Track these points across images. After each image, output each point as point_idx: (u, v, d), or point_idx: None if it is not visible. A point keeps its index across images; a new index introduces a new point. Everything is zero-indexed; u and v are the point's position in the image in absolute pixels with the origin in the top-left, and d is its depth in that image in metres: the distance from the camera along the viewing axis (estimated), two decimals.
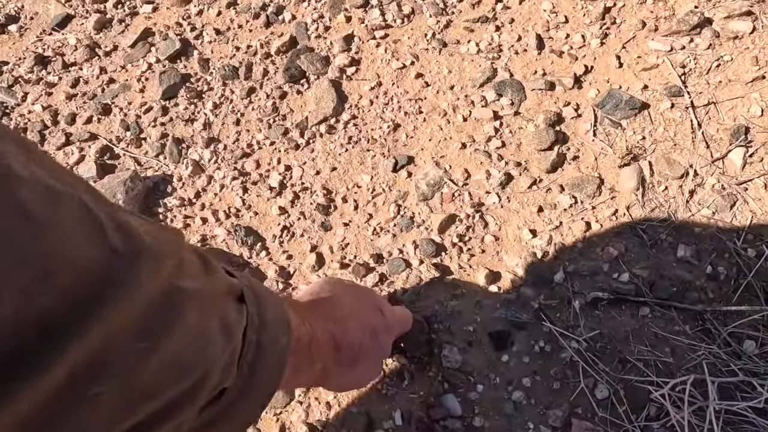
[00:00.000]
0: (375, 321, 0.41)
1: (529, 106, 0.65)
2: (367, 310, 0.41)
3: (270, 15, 0.77)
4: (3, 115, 0.75)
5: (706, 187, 0.58)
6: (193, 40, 0.77)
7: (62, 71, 0.77)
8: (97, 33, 0.80)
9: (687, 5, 0.67)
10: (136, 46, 0.77)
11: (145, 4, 0.81)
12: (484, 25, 0.71)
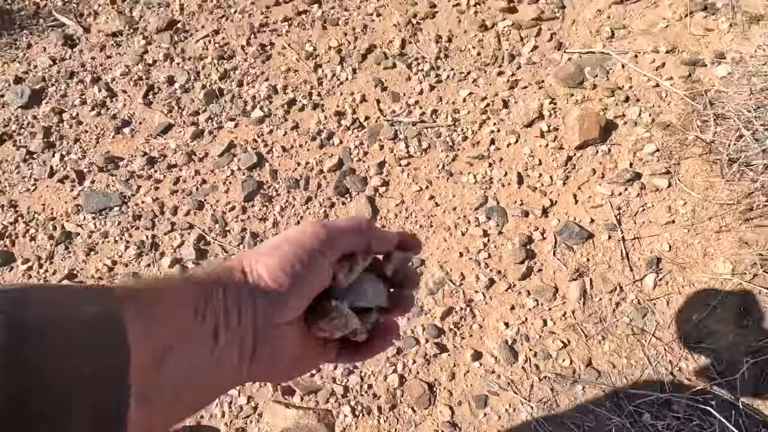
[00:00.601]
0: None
1: (510, 228, 0.90)
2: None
3: (323, 139, 1.02)
4: (123, 203, 0.99)
5: (627, 300, 0.82)
6: (265, 154, 1.02)
7: (166, 170, 1.02)
8: (192, 141, 1.05)
9: (625, 162, 0.92)
10: (223, 155, 1.03)
11: (228, 121, 1.07)
12: (480, 161, 0.97)
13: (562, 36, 1.09)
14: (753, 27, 1.02)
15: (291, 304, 0.27)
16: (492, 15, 1.13)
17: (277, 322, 0.27)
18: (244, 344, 0.26)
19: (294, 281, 0.27)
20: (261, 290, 0.26)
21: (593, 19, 1.10)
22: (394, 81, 1.07)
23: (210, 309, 0.24)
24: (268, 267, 0.26)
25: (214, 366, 0.25)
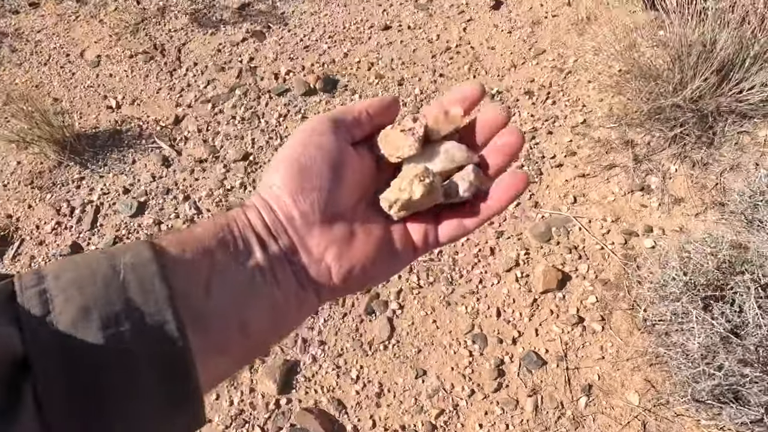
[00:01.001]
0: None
1: (488, 351, 1.25)
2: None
3: None
4: None
5: (566, 415, 1.15)
6: None
7: None
8: None
9: (573, 308, 1.28)
10: None
11: None
12: (471, 296, 1.32)
13: (539, 197, 1.46)
14: (675, 207, 1.39)
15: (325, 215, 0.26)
16: None
17: (322, 221, 0.26)
18: (293, 260, 0.26)
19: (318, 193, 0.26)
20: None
21: (562, 186, 1.47)
22: None
23: (237, 235, 0.25)
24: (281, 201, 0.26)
25: (266, 289, 0.24)
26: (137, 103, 1.76)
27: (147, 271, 0.21)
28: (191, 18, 1.97)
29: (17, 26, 2.00)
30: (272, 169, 0.27)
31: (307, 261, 0.26)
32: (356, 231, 0.27)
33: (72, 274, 0.21)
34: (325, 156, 0.27)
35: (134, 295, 0.20)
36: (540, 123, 1.59)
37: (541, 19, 1.84)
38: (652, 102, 1.45)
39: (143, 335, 0.20)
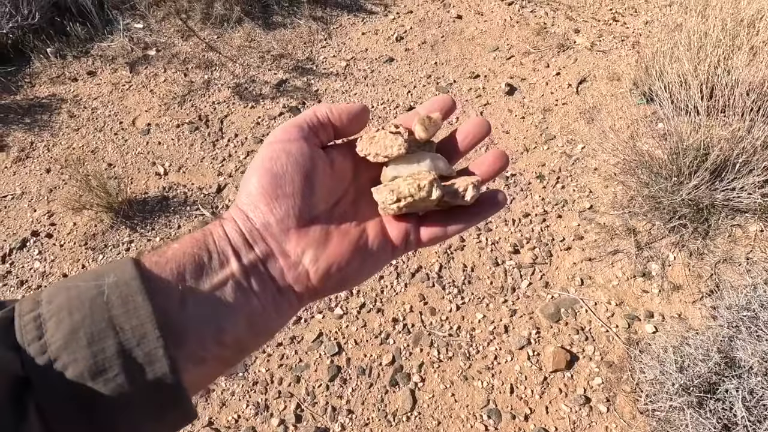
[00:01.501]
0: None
1: (502, 426, 1.35)
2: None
3: (382, 338, 1.50)
4: (244, 370, 1.46)
5: None
6: (343, 345, 1.50)
7: (275, 347, 1.50)
8: (293, 325, 1.54)
9: (581, 388, 1.39)
10: (315, 341, 1.50)
11: (318, 313, 1.56)
12: (487, 371, 1.43)
13: (549, 277, 1.59)
14: (674, 294, 1.51)
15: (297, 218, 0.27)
16: (502, 254, 1.64)
17: (297, 227, 0.27)
18: (270, 266, 0.27)
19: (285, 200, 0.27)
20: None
21: (570, 268, 1.60)
22: (432, 298, 1.57)
23: (213, 249, 0.26)
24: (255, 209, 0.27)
25: (241, 299, 0.26)
26: (183, 171, 1.93)
27: (130, 289, 0.23)
28: (233, 91, 2.16)
29: (76, 93, 2.20)
30: (247, 179, 0.28)
31: (285, 265, 0.27)
32: (332, 232, 0.28)
33: (62, 297, 0.23)
34: (296, 162, 0.28)
35: (117, 312, 0.22)
36: (550, 207, 1.74)
37: (551, 106, 2.01)
38: (651, 195, 1.59)
39: (125, 349, 0.22)
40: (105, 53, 2.33)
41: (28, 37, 2.27)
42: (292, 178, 0.28)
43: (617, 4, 2.48)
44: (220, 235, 0.27)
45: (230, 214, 0.28)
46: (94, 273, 0.24)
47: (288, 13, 2.42)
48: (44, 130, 2.07)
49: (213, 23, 2.38)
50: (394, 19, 2.44)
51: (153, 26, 2.42)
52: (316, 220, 0.28)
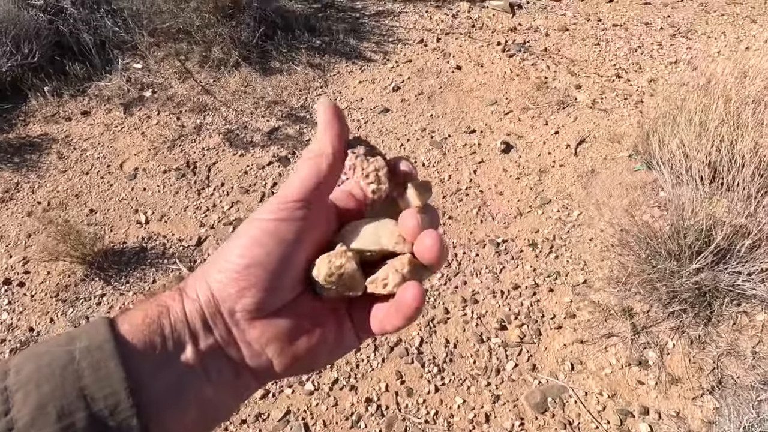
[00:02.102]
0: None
1: None
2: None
3: (353, 421, 1.39)
4: None
5: None
6: (311, 426, 1.39)
7: (238, 424, 1.39)
8: (260, 399, 1.43)
9: None
10: (281, 420, 1.40)
11: (287, 387, 1.46)
12: None
13: (536, 359, 1.47)
14: (672, 388, 1.38)
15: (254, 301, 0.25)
16: (488, 330, 1.53)
17: (254, 317, 0.25)
18: (229, 351, 0.25)
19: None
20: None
21: (560, 350, 1.48)
22: (411, 376, 1.45)
23: (168, 334, 0.24)
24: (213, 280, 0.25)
25: (194, 388, 0.24)
26: (164, 220, 1.87)
27: (103, 353, 0.22)
28: (224, 137, 2.11)
29: (68, 132, 2.17)
30: (221, 257, 0.25)
31: (246, 354, 0.25)
32: (303, 323, 0.26)
33: (32, 366, 0.21)
34: (275, 248, 0.25)
35: (88, 380, 0.21)
36: (542, 279, 1.63)
37: (548, 167, 1.93)
38: (650, 277, 1.48)
39: (97, 421, 0.21)
40: (101, 93, 2.31)
41: (26, 75, 2.26)
42: (269, 265, 0.25)
43: (621, 59, 2.41)
44: (178, 315, 0.25)
45: (194, 289, 0.25)
46: (67, 336, 0.23)
47: (286, 59, 2.39)
48: (31, 171, 2.03)
49: (210, 66, 2.36)
50: (393, 67, 2.39)
51: (152, 67, 2.40)
52: (285, 311, 0.26)
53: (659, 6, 2.77)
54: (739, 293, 1.45)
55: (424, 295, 0.26)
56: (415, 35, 2.57)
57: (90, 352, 0.22)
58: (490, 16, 2.71)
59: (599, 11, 2.75)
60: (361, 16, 2.69)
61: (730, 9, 2.73)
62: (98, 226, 1.85)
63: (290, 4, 2.71)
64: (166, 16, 2.26)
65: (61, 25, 2.36)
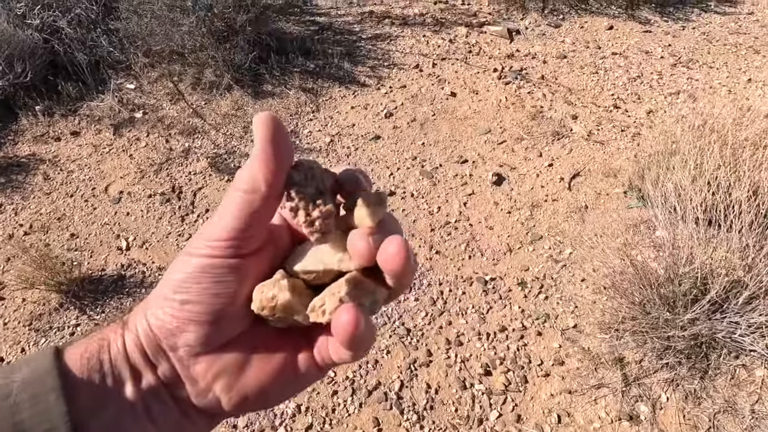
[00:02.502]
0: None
1: None
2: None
3: None
4: None
5: None
6: None
7: None
8: None
9: None
10: None
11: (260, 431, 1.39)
12: None
13: (522, 409, 1.39)
14: None
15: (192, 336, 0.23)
16: (471, 375, 1.45)
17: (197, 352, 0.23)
18: (173, 390, 0.23)
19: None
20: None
21: (547, 400, 1.40)
22: (388, 424, 1.38)
23: (107, 370, 0.23)
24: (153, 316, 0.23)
25: (140, 422, 0.23)
26: (146, 247, 1.82)
27: (44, 386, 0.21)
28: (211, 162, 2.07)
29: (56, 153, 2.15)
30: (159, 292, 0.24)
31: (192, 391, 0.24)
32: (252, 357, 0.24)
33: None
34: (211, 284, 0.23)
35: (25, 415, 0.20)
36: (530, 321, 1.55)
37: (540, 202, 1.86)
38: (643, 318, 1.40)
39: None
40: (92, 113, 2.29)
41: (19, 95, 2.25)
42: (211, 300, 0.23)
43: (620, 89, 2.36)
44: (118, 349, 0.23)
45: (134, 323, 0.24)
46: (8, 368, 0.22)
47: (279, 83, 2.36)
48: (16, 192, 2.00)
49: (203, 88, 2.33)
50: (387, 93, 2.35)
51: (145, 87, 2.38)
52: (233, 344, 0.24)
53: (660, 34, 2.72)
54: (738, 345, 1.37)
55: (361, 320, 0.22)
56: (411, 60, 2.53)
57: (30, 384, 0.21)
58: (488, 41, 2.67)
59: (599, 38, 2.70)
60: (357, 39, 2.67)
61: (733, 39, 2.67)
62: (78, 251, 1.80)
63: (287, 26, 2.69)
64: (159, 38, 2.25)
65: (57, 44, 2.36)
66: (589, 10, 2.88)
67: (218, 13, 2.15)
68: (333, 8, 2.90)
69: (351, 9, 2.90)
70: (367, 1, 2.96)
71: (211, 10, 2.13)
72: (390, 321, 1.56)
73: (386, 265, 0.22)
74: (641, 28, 2.77)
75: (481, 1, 2.97)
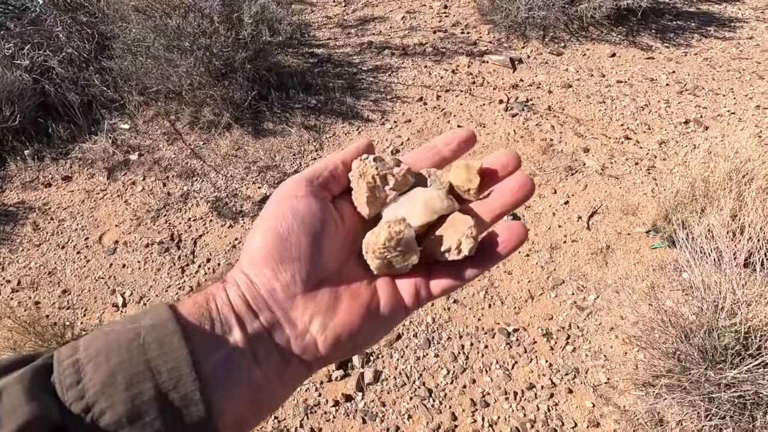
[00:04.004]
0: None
1: None
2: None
3: None
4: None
5: None
6: None
7: None
8: None
9: None
10: None
11: None
12: None
13: None
14: None
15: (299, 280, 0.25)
16: None
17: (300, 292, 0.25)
18: (275, 335, 0.25)
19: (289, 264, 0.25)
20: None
21: None
22: None
23: (215, 317, 0.24)
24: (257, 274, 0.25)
25: (244, 372, 0.24)
26: (144, 302, 1.70)
27: (166, 330, 0.23)
28: (212, 206, 1.97)
29: (46, 200, 2.03)
30: (250, 240, 0.26)
31: (291, 335, 0.25)
32: (341, 296, 0.26)
33: (100, 342, 0.22)
34: (303, 222, 0.26)
35: (153, 354, 0.22)
36: (559, 377, 1.45)
37: (559, 243, 1.78)
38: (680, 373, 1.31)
39: (162, 393, 0.21)
40: (85, 156, 2.18)
41: (6, 139, 2.14)
42: (299, 239, 0.26)
43: (629, 119, 2.31)
44: (224, 300, 0.25)
45: (233, 278, 0.26)
46: (130, 317, 0.24)
47: (280, 120, 2.28)
48: (3, 245, 1.88)
49: (201, 128, 2.24)
50: (391, 128, 2.28)
51: (140, 127, 2.29)
52: (324, 283, 0.26)
53: (663, 61, 2.70)
54: None
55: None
56: (414, 92, 2.47)
57: (154, 329, 0.23)
58: (490, 71, 2.62)
59: (602, 66, 2.67)
60: (358, 71, 2.60)
61: (736, 64, 2.65)
62: (70, 309, 1.68)
63: (286, 59, 2.62)
64: (155, 77, 2.16)
65: (47, 84, 2.26)
66: (590, 37, 2.85)
67: (216, 52, 2.08)
68: (331, 39, 2.84)
69: (349, 39, 2.84)
70: (366, 32, 2.91)
71: (209, 50, 2.05)
72: (410, 381, 1.45)
73: (514, 196, 0.28)
74: (643, 54, 2.74)
75: (480, 30, 2.94)
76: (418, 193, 0.28)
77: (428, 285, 0.27)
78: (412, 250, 0.26)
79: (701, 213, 1.43)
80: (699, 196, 1.46)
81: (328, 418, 1.39)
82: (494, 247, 0.27)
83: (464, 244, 0.26)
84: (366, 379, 1.44)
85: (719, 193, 1.35)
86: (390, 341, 1.53)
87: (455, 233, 0.26)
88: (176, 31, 1.97)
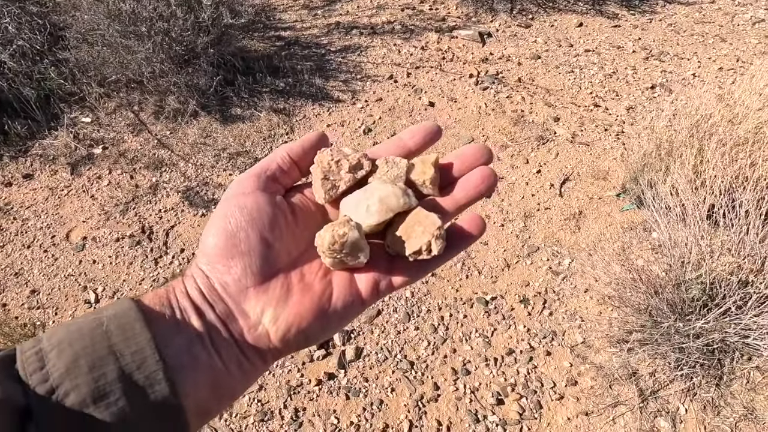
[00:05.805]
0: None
1: None
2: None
3: None
4: None
5: None
6: None
7: None
8: None
9: None
10: None
11: None
12: None
13: None
14: None
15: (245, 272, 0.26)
16: (483, 406, 1.37)
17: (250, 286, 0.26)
18: (231, 326, 0.25)
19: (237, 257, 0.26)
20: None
21: (564, 424, 1.33)
22: None
23: (175, 305, 0.25)
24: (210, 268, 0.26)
25: (204, 359, 0.24)
26: (117, 297, 1.66)
27: (128, 318, 0.23)
28: (183, 196, 1.93)
29: (7, 200, 1.96)
30: (204, 239, 0.27)
31: (245, 326, 0.26)
32: (293, 288, 0.27)
33: (62, 332, 0.23)
34: (251, 218, 0.26)
35: (116, 340, 0.23)
36: (537, 341, 1.48)
37: (533, 211, 1.80)
38: (652, 328, 1.35)
39: (126, 373, 0.22)
40: (46, 152, 2.10)
41: None
42: (248, 235, 0.26)
43: (597, 87, 2.33)
44: (182, 292, 0.26)
45: (190, 272, 0.27)
46: (93, 311, 0.25)
47: (248, 105, 2.23)
48: None
49: (167, 117, 2.18)
50: (363, 107, 2.25)
51: (102, 120, 2.21)
52: (276, 276, 0.27)
53: (629, 28, 2.72)
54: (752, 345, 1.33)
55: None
56: (384, 70, 2.44)
57: (116, 317, 0.24)
58: (459, 46, 2.61)
59: (570, 36, 2.68)
60: (326, 52, 2.56)
61: (699, 28, 2.70)
62: (41, 309, 1.63)
63: (252, 44, 2.56)
64: (113, 66, 2.08)
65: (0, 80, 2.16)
66: (557, 8, 2.86)
67: (176, 37, 2.01)
68: (298, 21, 2.78)
69: (316, 21, 2.79)
70: (333, 12, 2.85)
71: (168, 35, 1.99)
72: (391, 355, 1.46)
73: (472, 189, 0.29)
74: (610, 23, 2.76)
75: (449, 5, 2.91)
76: (374, 189, 0.27)
77: (389, 278, 0.28)
78: (359, 249, 0.26)
79: (666, 172, 1.46)
80: (664, 156, 1.49)
81: (311, 397, 1.39)
82: (456, 238, 0.27)
83: (434, 245, 0.26)
84: (348, 357, 1.45)
85: (681, 150, 1.38)
86: (370, 317, 1.54)
87: (424, 234, 0.26)
88: (131, 15, 1.89)
